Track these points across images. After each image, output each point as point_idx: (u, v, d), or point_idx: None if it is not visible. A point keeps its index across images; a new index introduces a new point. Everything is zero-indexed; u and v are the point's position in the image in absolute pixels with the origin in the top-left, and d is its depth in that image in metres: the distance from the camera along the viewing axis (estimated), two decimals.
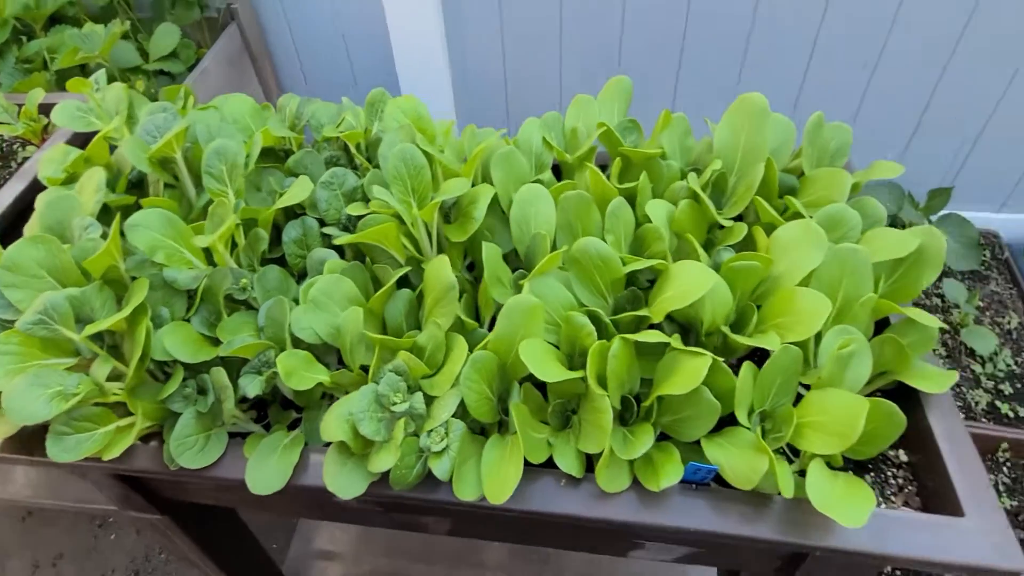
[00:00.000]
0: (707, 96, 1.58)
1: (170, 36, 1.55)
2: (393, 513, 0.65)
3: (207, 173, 0.67)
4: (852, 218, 0.60)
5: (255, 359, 0.58)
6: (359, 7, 1.60)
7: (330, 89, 1.84)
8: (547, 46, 1.55)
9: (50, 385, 0.52)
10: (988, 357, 1.32)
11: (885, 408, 0.48)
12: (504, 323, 0.54)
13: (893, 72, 1.41)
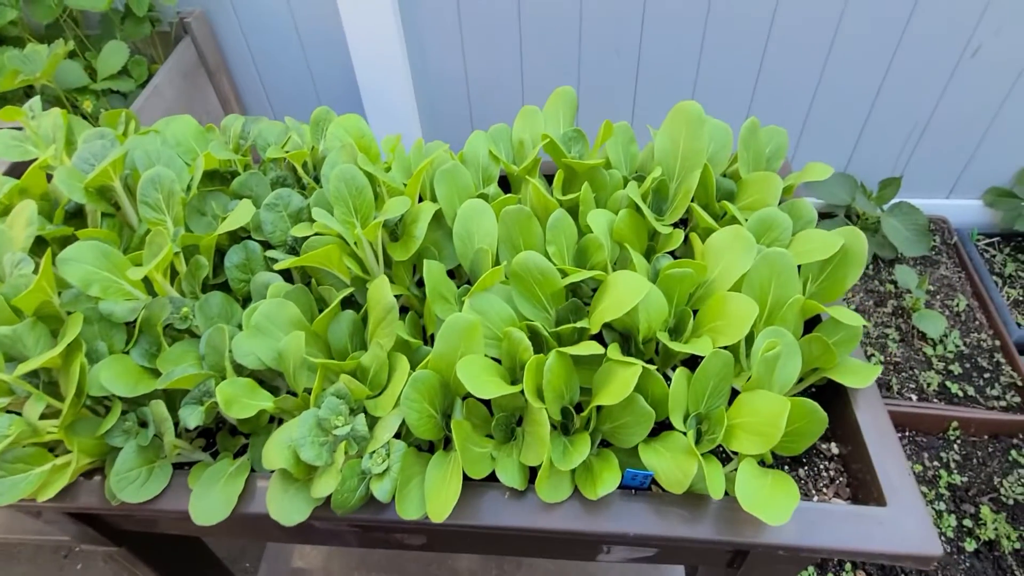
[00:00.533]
0: (664, 101, 1.61)
1: (118, 54, 1.51)
2: (371, 534, 0.65)
3: (143, 203, 0.66)
4: (783, 221, 0.62)
5: (195, 389, 0.57)
6: (316, 14, 1.58)
7: (292, 100, 1.83)
8: (507, 52, 1.56)
9: None
10: (939, 339, 1.37)
11: (808, 407, 0.50)
12: (443, 341, 0.55)
13: (842, 69, 1.45)
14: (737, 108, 1.57)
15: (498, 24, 1.50)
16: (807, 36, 1.41)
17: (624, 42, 1.52)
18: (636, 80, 1.60)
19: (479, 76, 1.64)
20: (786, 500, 0.45)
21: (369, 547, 0.69)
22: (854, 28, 1.37)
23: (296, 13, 1.61)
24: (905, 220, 1.54)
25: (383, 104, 1.69)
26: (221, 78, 1.81)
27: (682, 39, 1.46)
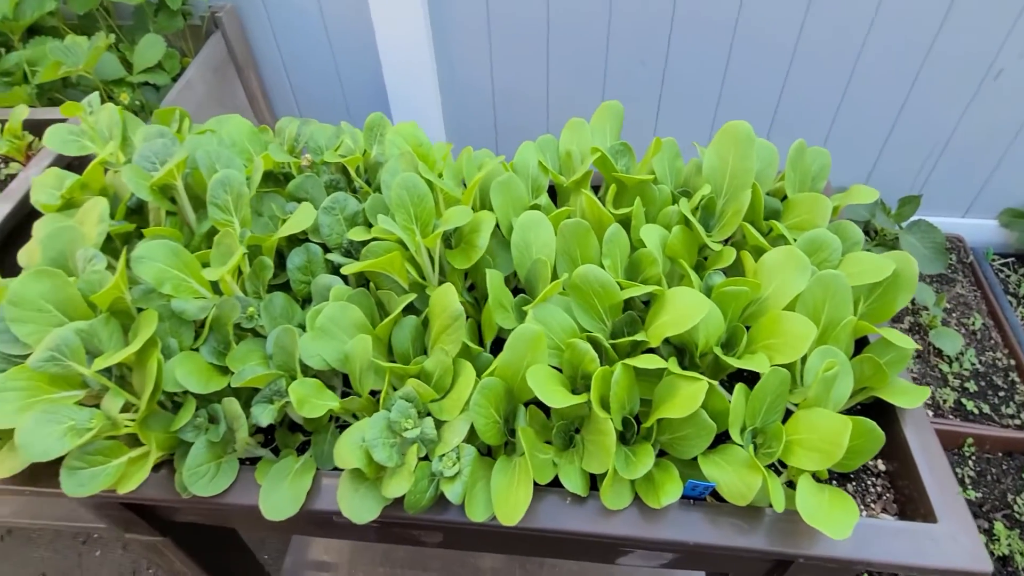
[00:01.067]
0: (688, 113, 1.63)
1: (155, 47, 1.53)
2: (393, 530, 0.66)
3: (212, 204, 0.68)
4: (833, 242, 0.64)
5: (266, 388, 0.59)
6: (346, 14, 1.60)
7: (318, 100, 1.84)
8: (534, 60, 1.58)
9: (62, 420, 0.53)
10: (955, 357, 1.39)
11: (866, 426, 0.52)
12: (510, 350, 0.56)
13: (866, 87, 1.47)
14: (760, 122, 1.59)
15: (526, 32, 1.52)
16: (832, 54, 1.43)
17: (650, 53, 1.54)
18: (661, 91, 1.62)
19: (505, 83, 1.66)
20: (846, 515, 0.47)
21: (388, 542, 0.71)
22: (879, 48, 1.40)
23: (327, 14, 1.63)
24: (923, 238, 1.56)
25: (409, 109, 1.71)
26: (249, 75, 1.83)
27: (708, 52, 1.48)
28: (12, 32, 1.49)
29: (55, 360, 0.53)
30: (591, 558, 0.68)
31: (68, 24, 1.59)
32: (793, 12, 1.38)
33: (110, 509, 0.69)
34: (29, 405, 0.53)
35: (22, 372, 0.55)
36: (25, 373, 0.55)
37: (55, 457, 0.51)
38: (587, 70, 1.58)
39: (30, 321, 0.57)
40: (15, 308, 0.56)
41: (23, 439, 0.50)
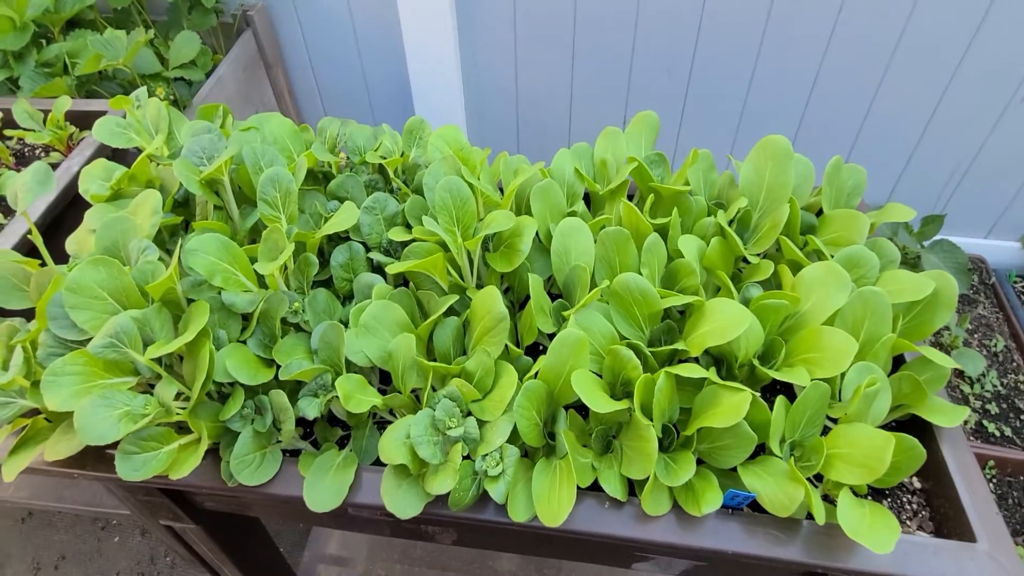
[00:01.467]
0: (711, 124, 1.63)
1: (191, 44, 1.56)
2: (405, 526, 0.67)
3: (262, 200, 0.70)
4: (871, 259, 0.65)
5: (312, 382, 0.61)
6: (375, 16, 1.62)
7: (343, 99, 1.87)
8: (559, 67, 1.59)
9: (117, 406, 0.55)
10: (976, 378, 1.38)
11: (907, 443, 0.53)
12: (554, 354, 0.58)
13: (891, 104, 1.48)
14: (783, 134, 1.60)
15: (552, 38, 1.54)
16: (858, 69, 1.43)
17: (676, 63, 1.55)
18: (684, 101, 1.63)
19: (529, 88, 1.67)
20: (888, 530, 0.48)
21: (401, 537, 0.72)
22: (906, 65, 1.40)
23: (356, 15, 1.66)
24: (946, 258, 1.56)
25: (433, 110, 1.73)
26: (277, 73, 1.86)
27: (734, 63, 1.49)
28: (53, 24, 1.53)
29: (114, 346, 0.55)
30: (608, 562, 0.69)
31: (104, 18, 1.62)
32: (821, 27, 1.38)
33: (148, 495, 0.71)
34: (85, 390, 0.55)
35: (79, 357, 0.56)
36: (82, 358, 0.56)
37: (111, 441, 0.52)
38: (611, 77, 1.59)
39: (87, 308, 0.58)
40: (73, 295, 0.58)
41: (81, 422, 0.52)
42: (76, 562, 1.38)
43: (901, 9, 1.32)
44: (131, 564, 1.37)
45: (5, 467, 0.58)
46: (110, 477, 0.58)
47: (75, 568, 1.38)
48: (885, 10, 1.32)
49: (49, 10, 1.49)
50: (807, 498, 0.50)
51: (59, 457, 0.57)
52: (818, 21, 1.37)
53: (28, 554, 1.40)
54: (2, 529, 1.44)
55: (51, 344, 0.58)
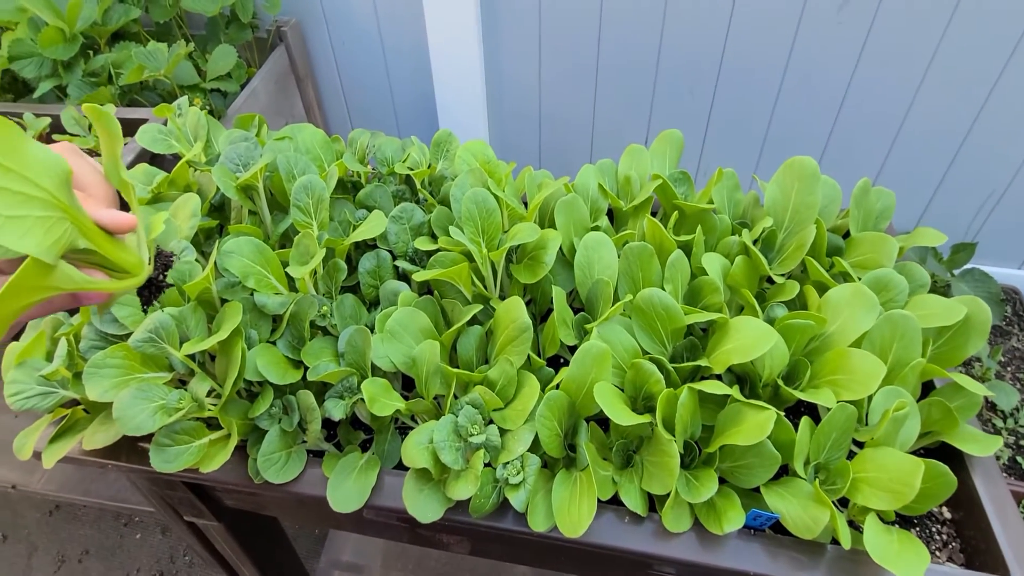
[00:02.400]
0: (734, 144, 1.64)
1: (228, 57, 1.62)
2: (427, 533, 0.67)
3: (295, 206, 0.72)
4: (900, 283, 0.64)
5: (338, 384, 0.62)
6: (403, 33, 1.67)
7: (369, 112, 1.92)
8: (582, 87, 1.61)
9: (153, 399, 0.56)
10: (1010, 412, 1.34)
11: (937, 470, 0.52)
12: (576, 366, 0.58)
13: (921, 128, 1.46)
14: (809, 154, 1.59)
15: (576, 57, 1.56)
16: (888, 89, 1.43)
17: (699, 83, 1.57)
18: (708, 121, 1.63)
19: (552, 106, 1.70)
20: (917, 558, 0.47)
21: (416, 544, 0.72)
22: (938, 86, 1.39)
23: (384, 32, 1.71)
24: (977, 287, 1.52)
25: (457, 125, 1.77)
26: (307, 86, 1.92)
27: (759, 84, 1.49)
28: (100, 36, 1.61)
29: (153, 341, 0.57)
30: None
31: (147, 31, 1.70)
32: (849, 46, 1.38)
33: (173, 489, 0.72)
34: (124, 383, 0.57)
35: (118, 351, 0.58)
36: (121, 352, 0.58)
37: (147, 433, 0.54)
38: (634, 97, 1.61)
39: (128, 304, 0.61)
40: None
41: (119, 413, 0.54)
42: (99, 557, 1.41)
43: (935, 27, 1.30)
44: (151, 561, 1.39)
45: (45, 455, 0.60)
46: (143, 469, 0.60)
47: (98, 562, 1.40)
48: (918, 28, 1.31)
49: (96, 23, 1.57)
50: (832, 521, 0.50)
51: (96, 447, 0.59)
52: (847, 40, 1.37)
53: (54, 546, 1.43)
54: (31, 521, 1.47)
55: (93, 338, 0.60)
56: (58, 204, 0.39)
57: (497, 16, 1.55)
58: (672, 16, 1.43)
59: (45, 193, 0.38)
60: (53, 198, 0.38)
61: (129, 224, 0.44)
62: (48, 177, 0.38)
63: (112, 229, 0.43)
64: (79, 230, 0.40)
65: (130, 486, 1.20)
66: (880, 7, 1.31)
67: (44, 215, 0.38)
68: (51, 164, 0.39)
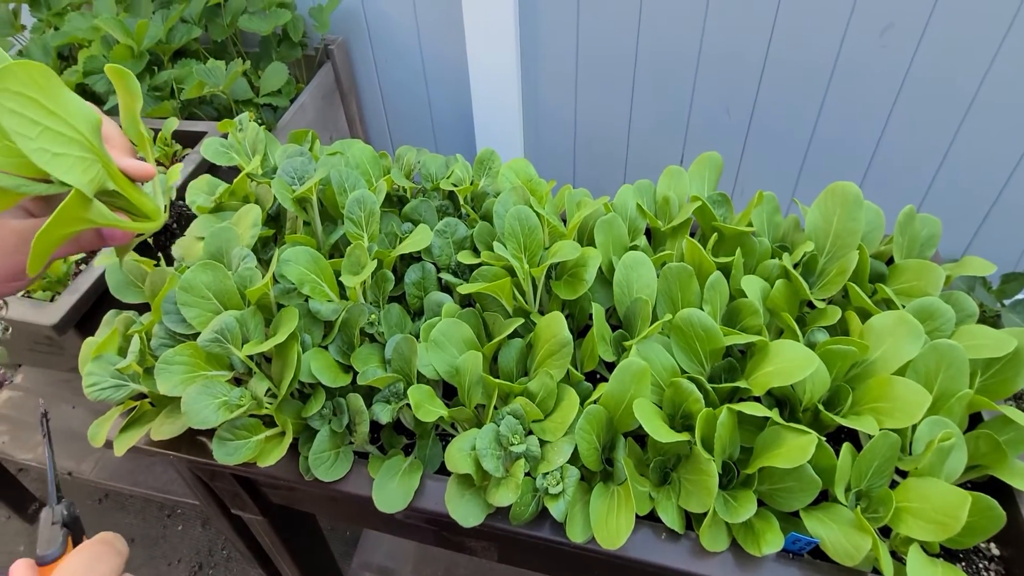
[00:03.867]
0: (772, 165, 1.63)
1: (279, 75, 1.70)
2: (456, 538, 0.68)
3: (348, 218, 0.76)
4: (946, 312, 0.64)
5: (385, 389, 0.65)
6: (443, 55, 1.73)
7: (408, 127, 1.98)
8: (618, 102, 1.63)
9: (216, 395, 0.60)
10: None
11: (985, 503, 0.51)
12: (616, 382, 0.59)
13: (970, 151, 1.43)
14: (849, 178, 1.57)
15: (612, 78, 1.59)
16: (934, 117, 1.40)
17: (736, 102, 1.57)
18: (744, 141, 1.63)
19: (587, 127, 1.72)
20: None
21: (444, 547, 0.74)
22: (985, 114, 1.36)
23: (425, 51, 1.77)
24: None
25: (494, 142, 1.81)
26: (351, 101, 2.00)
27: (798, 103, 1.48)
28: (164, 53, 1.72)
29: (218, 341, 0.61)
30: None
31: (205, 48, 1.81)
32: (892, 69, 1.36)
33: (226, 483, 0.76)
34: (190, 379, 0.61)
35: (186, 349, 0.63)
36: (188, 350, 0.63)
37: (211, 427, 0.58)
38: (670, 115, 1.62)
39: (195, 306, 0.65)
40: (185, 294, 0.65)
41: (187, 407, 0.58)
42: (143, 545, 1.47)
43: (985, 50, 1.28)
44: (191, 553, 1.45)
45: (117, 443, 0.65)
46: (202, 461, 0.64)
47: (142, 551, 1.46)
48: (966, 51, 1.29)
49: (161, 41, 1.68)
50: (874, 549, 0.49)
51: (163, 438, 0.64)
52: (891, 63, 1.35)
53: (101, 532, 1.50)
54: (82, 507, 1.55)
55: (163, 336, 0.65)
56: (92, 148, 0.43)
57: (536, 39, 1.59)
58: (710, 36, 1.45)
59: (81, 136, 0.42)
60: (88, 142, 0.42)
61: (149, 172, 0.48)
62: (83, 123, 0.42)
63: (134, 176, 0.47)
64: (108, 174, 0.44)
65: (175, 478, 1.26)
66: (926, 30, 1.29)
67: (82, 155, 0.42)
68: (86, 112, 0.43)
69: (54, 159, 0.40)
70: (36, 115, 0.39)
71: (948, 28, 1.27)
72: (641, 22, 1.47)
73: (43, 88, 0.40)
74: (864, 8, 1.30)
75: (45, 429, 0.50)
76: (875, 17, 1.31)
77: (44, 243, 0.40)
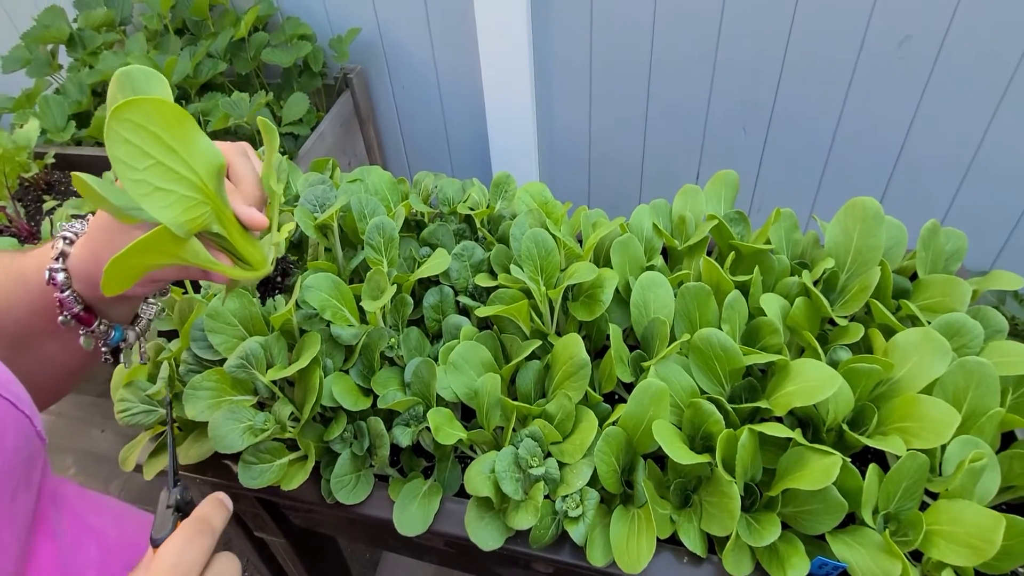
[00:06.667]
0: (790, 182, 1.61)
1: (301, 104, 1.77)
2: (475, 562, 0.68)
3: (368, 244, 0.78)
4: (974, 328, 0.62)
5: (404, 412, 0.66)
6: (459, 81, 1.77)
7: (425, 152, 2.03)
8: (632, 124, 1.65)
9: (242, 420, 0.62)
10: None
11: (1021, 526, 0.49)
12: (635, 403, 0.59)
13: (994, 161, 1.40)
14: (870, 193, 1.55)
15: (625, 98, 1.60)
16: (955, 129, 1.38)
17: (752, 120, 1.57)
18: (761, 159, 1.63)
19: (601, 148, 1.74)
20: None
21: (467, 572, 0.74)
22: (1010, 124, 1.33)
23: (442, 79, 1.82)
24: None
25: (510, 165, 1.84)
26: (369, 128, 2.05)
27: (815, 121, 1.48)
28: (191, 87, 1.79)
29: (243, 367, 0.63)
30: None
31: (230, 81, 1.88)
32: (911, 81, 1.34)
33: (249, 505, 0.77)
34: (216, 404, 0.63)
35: (213, 375, 0.65)
36: (215, 376, 0.65)
37: (236, 451, 0.59)
38: (685, 133, 1.63)
39: (222, 332, 0.67)
40: (212, 320, 0.67)
41: (214, 432, 0.59)
42: None
43: (1007, 59, 1.25)
44: None
45: (147, 467, 0.66)
46: (228, 485, 0.65)
47: None
48: (988, 61, 1.27)
49: (189, 76, 1.75)
50: (904, 574, 0.48)
51: (191, 462, 0.65)
52: (910, 75, 1.33)
53: None
54: None
55: (191, 362, 0.67)
56: (203, 189, 0.44)
57: (549, 61, 1.62)
58: (724, 52, 1.45)
59: (196, 177, 0.43)
60: (201, 183, 0.43)
61: (261, 223, 0.49)
62: (203, 164, 0.43)
63: (246, 224, 0.48)
64: (216, 216, 0.45)
65: None
66: (945, 42, 1.28)
67: (188, 195, 0.43)
68: (209, 154, 0.44)
69: (154, 193, 0.41)
70: (152, 148, 0.40)
71: (967, 38, 1.26)
72: (655, 40, 1.48)
73: (169, 126, 0.41)
74: (881, 20, 1.30)
75: (169, 414, 0.51)
76: (892, 29, 1.30)
77: (119, 269, 0.40)
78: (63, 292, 0.46)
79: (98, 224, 0.46)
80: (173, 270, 0.48)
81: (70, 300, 0.46)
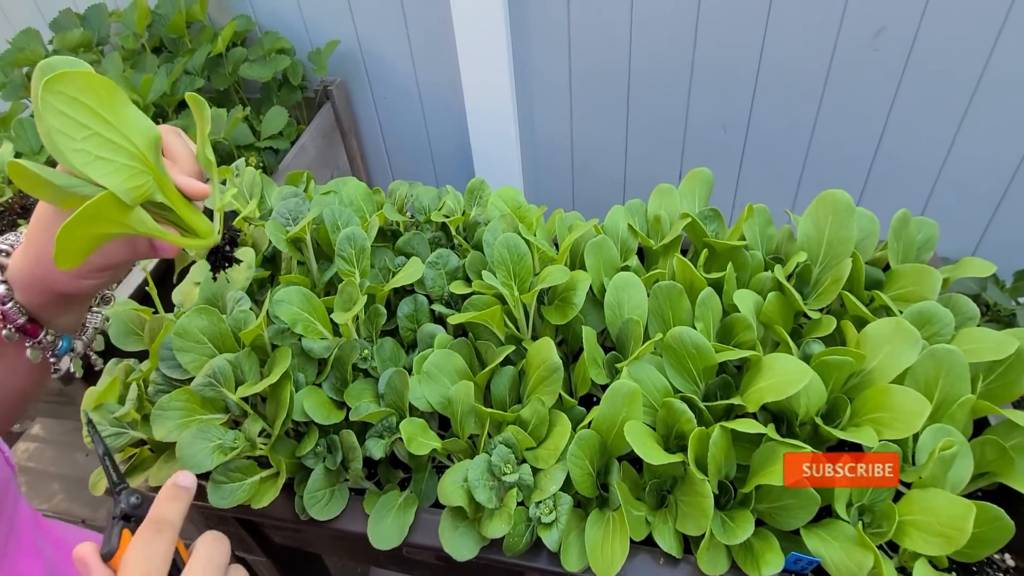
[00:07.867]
0: (771, 178, 1.62)
1: (280, 119, 1.76)
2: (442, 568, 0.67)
3: (339, 256, 0.78)
4: (944, 316, 0.62)
5: (378, 424, 0.65)
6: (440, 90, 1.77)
7: (408, 161, 2.03)
8: (613, 124, 1.66)
9: (211, 439, 0.61)
10: None
11: (992, 512, 0.49)
12: (607, 404, 0.59)
13: (971, 151, 1.40)
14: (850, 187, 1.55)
15: (606, 100, 1.61)
16: (932, 120, 1.39)
17: (732, 118, 1.57)
18: (742, 157, 1.63)
19: (584, 152, 1.74)
20: None
21: None
22: (985, 112, 1.34)
23: (423, 89, 1.82)
24: None
25: (493, 171, 1.85)
26: (351, 139, 2.05)
27: (794, 116, 1.48)
28: (168, 105, 1.78)
29: (211, 385, 0.62)
30: None
31: (208, 97, 1.88)
32: (886, 74, 1.35)
33: (228, 525, 0.76)
34: (186, 424, 0.62)
35: (181, 394, 0.64)
36: (183, 395, 0.64)
37: (205, 471, 0.58)
38: (666, 134, 1.63)
39: (191, 351, 0.66)
40: (180, 339, 0.66)
41: (181, 453, 0.58)
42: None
43: (980, 48, 1.26)
44: None
45: (92, 482, 0.65)
46: (200, 505, 0.64)
47: None
48: (962, 51, 1.27)
49: (166, 93, 1.74)
50: (877, 567, 0.47)
51: (161, 483, 0.64)
52: (885, 68, 1.34)
53: None
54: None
55: (160, 382, 0.66)
56: (142, 159, 0.44)
57: (529, 68, 1.63)
58: (701, 52, 1.46)
59: (133, 147, 0.43)
60: (139, 152, 0.43)
61: (203, 192, 0.49)
62: (138, 135, 0.43)
63: (188, 194, 0.48)
64: (159, 186, 0.45)
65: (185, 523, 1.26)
66: (919, 32, 1.29)
67: (128, 164, 0.43)
68: (143, 126, 0.44)
69: (95, 162, 0.41)
70: (87, 120, 0.40)
71: (942, 28, 1.27)
72: (632, 50, 1.49)
73: (102, 99, 0.41)
74: (855, 13, 1.31)
75: (93, 430, 0.50)
76: (866, 21, 1.31)
77: (69, 238, 0.40)
78: (5, 304, 0.45)
79: (36, 227, 0.45)
80: (123, 247, 0.47)
81: (13, 312, 0.46)
